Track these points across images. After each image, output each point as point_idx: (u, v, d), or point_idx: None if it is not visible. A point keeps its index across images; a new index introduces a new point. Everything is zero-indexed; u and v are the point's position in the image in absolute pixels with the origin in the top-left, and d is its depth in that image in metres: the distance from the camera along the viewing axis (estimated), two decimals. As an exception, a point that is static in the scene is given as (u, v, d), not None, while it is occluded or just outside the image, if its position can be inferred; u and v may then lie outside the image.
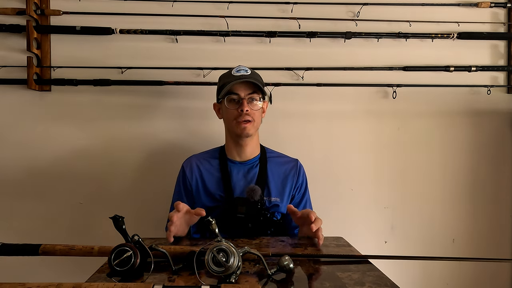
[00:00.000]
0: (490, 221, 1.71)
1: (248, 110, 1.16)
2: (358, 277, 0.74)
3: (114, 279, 0.71)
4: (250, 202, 1.13)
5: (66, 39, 1.56)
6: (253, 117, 1.18)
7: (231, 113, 1.18)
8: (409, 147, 1.68)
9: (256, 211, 1.14)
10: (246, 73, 1.18)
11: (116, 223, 0.76)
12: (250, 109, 1.16)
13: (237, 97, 1.17)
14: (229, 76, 1.19)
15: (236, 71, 1.19)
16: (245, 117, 1.16)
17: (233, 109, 1.18)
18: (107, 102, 1.58)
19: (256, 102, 1.19)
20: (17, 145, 1.57)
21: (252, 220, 1.14)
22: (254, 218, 1.14)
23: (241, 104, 1.16)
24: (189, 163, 1.29)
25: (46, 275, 1.54)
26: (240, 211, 1.13)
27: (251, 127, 1.18)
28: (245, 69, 1.20)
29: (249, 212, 1.13)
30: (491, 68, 1.65)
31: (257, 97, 1.18)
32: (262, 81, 1.23)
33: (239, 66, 1.21)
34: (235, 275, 0.69)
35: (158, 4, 1.55)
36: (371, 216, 1.67)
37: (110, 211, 0.82)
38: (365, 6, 1.59)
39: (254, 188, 1.14)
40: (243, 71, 1.18)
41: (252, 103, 1.18)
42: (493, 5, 1.64)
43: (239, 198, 1.17)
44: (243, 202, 1.14)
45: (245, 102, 1.16)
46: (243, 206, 1.13)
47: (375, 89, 1.64)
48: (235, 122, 1.18)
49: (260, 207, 1.15)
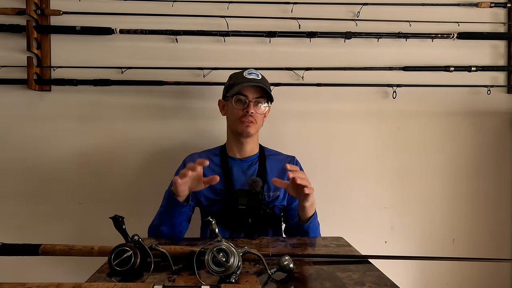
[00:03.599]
0: (490, 221, 1.71)
1: (253, 113, 1.21)
2: (358, 277, 0.74)
3: (114, 279, 0.71)
4: (252, 194, 1.15)
5: (66, 39, 1.56)
6: (256, 120, 1.23)
7: (237, 112, 1.23)
8: (409, 147, 1.68)
9: (257, 202, 1.16)
10: (257, 77, 1.24)
11: (116, 223, 0.76)
12: (255, 112, 1.22)
13: (244, 98, 1.22)
14: (240, 77, 1.24)
15: (248, 73, 1.24)
16: (249, 118, 1.22)
17: (239, 109, 1.22)
18: (107, 102, 1.58)
19: (261, 105, 1.24)
20: (17, 145, 1.57)
21: (253, 214, 1.16)
22: (254, 212, 1.16)
23: (247, 106, 1.21)
24: (191, 158, 1.32)
25: (46, 275, 1.54)
26: (241, 203, 1.15)
27: (253, 127, 1.23)
28: (257, 73, 1.26)
29: (250, 203, 1.15)
30: (491, 68, 1.65)
31: (263, 101, 1.24)
32: (270, 87, 1.28)
33: (250, 70, 1.27)
34: (235, 275, 0.69)
35: (158, 4, 1.55)
36: (371, 216, 1.67)
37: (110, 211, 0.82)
38: (365, 6, 1.59)
39: (256, 180, 1.16)
40: (254, 75, 1.24)
41: (258, 106, 1.23)
42: (493, 5, 1.64)
43: (241, 190, 1.20)
44: (245, 194, 1.16)
45: (251, 105, 1.21)
46: (244, 198, 1.15)
47: (375, 89, 1.64)
48: (238, 121, 1.23)
49: (261, 198, 1.17)
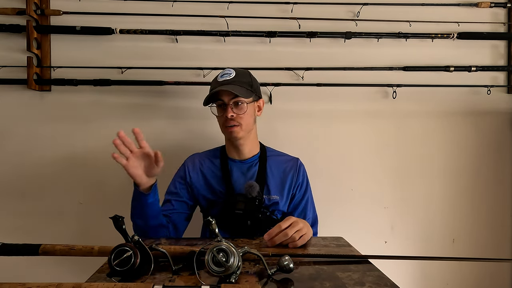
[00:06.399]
0: (490, 221, 1.71)
1: (234, 115, 1.16)
2: (358, 277, 0.74)
3: (114, 279, 0.71)
4: (248, 198, 1.14)
5: (66, 39, 1.56)
6: (239, 121, 1.18)
7: (220, 119, 1.21)
8: (409, 147, 1.68)
9: (254, 207, 1.14)
10: (229, 77, 1.17)
11: (116, 223, 0.76)
12: (236, 114, 1.17)
13: (222, 103, 1.17)
14: (214, 82, 1.20)
15: (221, 76, 1.19)
16: (231, 123, 1.17)
17: (221, 116, 1.19)
18: (107, 102, 1.58)
19: (242, 105, 1.17)
20: (17, 145, 1.57)
21: (251, 217, 1.15)
22: (252, 215, 1.15)
23: (225, 110, 1.17)
24: (192, 159, 1.31)
25: (46, 275, 1.54)
26: (238, 207, 1.14)
27: (238, 130, 1.18)
28: (229, 72, 1.19)
29: (247, 208, 1.14)
30: (491, 68, 1.65)
31: (242, 100, 1.16)
32: (248, 80, 1.21)
33: (224, 70, 1.21)
34: (235, 275, 0.69)
35: (158, 4, 1.55)
36: (371, 216, 1.67)
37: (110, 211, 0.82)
38: (365, 6, 1.59)
39: (252, 184, 1.15)
40: (227, 75, 1.18)
41: (238, 107, 1.17)
42: (493, 5, 1.64)
43: (238, 195, 1.18)
44: (241, 198, 1.15)
45: (229, 108, 1.16)
46: (241, 202, 1.14)
47: (375, 89, 1.64)
48: (224, 127, 1.21)
49: (258, 203, 1.15)
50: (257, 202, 1.15)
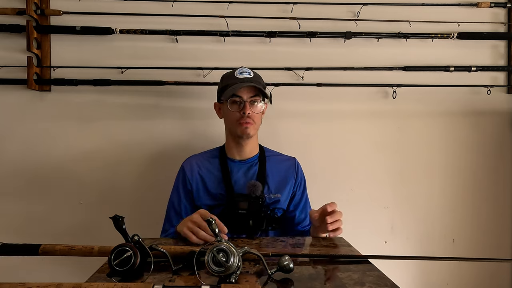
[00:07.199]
0: (490, 221, 1.71)
1: (250, 113, 1.18)
2: (358, 277, 0.74)
3: (114, 279, 0.71)
4: (252, 198, 1.14)
5: (66, 39, 1.56)
6: (254, 119, 1.20)
7: (233, 114, 1.20)
8: (409, 147, 1.68)
9: (257, 207, 1.15)
10: (249, 75, 1.20)
11: (116, 223, 0.76)
12: (252, 112, 1.19)
13: (239, 100, 1.19)
14: (232, 78, 1.20)
15: (239, 73, 1.21)
16: (247, 120, 1.19)
17: (236, 111, 1.19)
18: (107, 102, 1.58)
19: (257, 104, 1.20)
20: (17, 145, 1.57)
21: (253, 217, 1.15)
22: (255, 215, 1.15)
23: (243, 107, 1.18)
24: (189, 163, 1.29)
25: (46, 275, 1.54)
26: (241, 207, 1.13)
27: (252, 128, 1.21)
28: (248, 71, 1.21)
29: (250, 208, 1.14)
30: (491, 68, 1.65)
31: (258, 99, 1.20)
32: (263, 83, 1.25)
33: (241, 68, 1.22)
34: (235, 275, 0.69)
35: (158, 4, 1.55)
36: (371, 216, 1.67)
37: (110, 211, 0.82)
38: (365, 6, 1.59)
39: (255, 184, 1.14)
40: (246, 74, 1.20)
41: (254, 106, 1.20)
42: (493, 5, 1.64)
43: (241, 195, 1.17)
44: (245, 198, 1.14)
45: (247, 105, 1.18)
46: (244, 202, 1.13)
47: (375, 89, 1.64)
48: (237, 123, 1.20)
49: (261, 202, 1.15)
50: (261, 201, 1.15)
